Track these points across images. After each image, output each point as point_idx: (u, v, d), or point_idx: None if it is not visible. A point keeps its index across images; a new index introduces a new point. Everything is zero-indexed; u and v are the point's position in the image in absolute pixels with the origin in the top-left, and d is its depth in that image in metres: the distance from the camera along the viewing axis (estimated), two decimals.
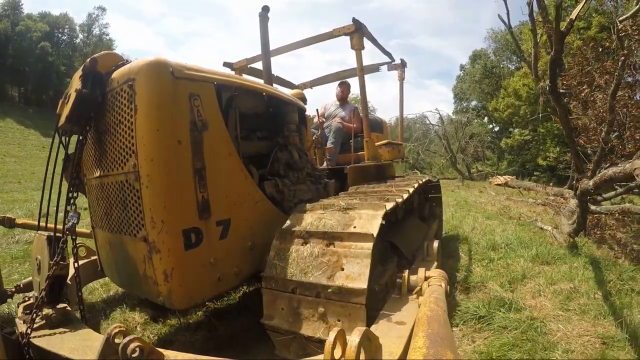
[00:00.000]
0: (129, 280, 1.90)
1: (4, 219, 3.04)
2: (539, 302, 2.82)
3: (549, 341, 2.29)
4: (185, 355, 1.29)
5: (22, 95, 43.27)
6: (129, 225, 1.74)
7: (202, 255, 1.74)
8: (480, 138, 25.27)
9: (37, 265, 1.88)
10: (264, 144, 2.53)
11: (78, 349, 1.44)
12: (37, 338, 1.57)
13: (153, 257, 1.62)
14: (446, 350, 0.98)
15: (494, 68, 28.74)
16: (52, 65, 41.11)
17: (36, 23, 42.00)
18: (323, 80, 5.37)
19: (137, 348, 1.12)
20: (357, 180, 3.28)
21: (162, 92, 1.63)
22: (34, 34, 40.54)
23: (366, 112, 3.61)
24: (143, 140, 1.59)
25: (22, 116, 35.52)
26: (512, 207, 7.14)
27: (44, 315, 1.65)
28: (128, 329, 1.21)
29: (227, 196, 1.90)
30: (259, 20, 3.01)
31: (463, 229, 5.15)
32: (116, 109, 1.72)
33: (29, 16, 43.43)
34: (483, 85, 30.08)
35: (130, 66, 1.69)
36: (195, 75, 1.80)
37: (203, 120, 1.77)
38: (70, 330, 1.63)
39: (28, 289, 2.51)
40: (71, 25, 47.05)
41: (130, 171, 1.66)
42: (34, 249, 1.94)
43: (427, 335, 1.06)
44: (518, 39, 6.89)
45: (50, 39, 42.53)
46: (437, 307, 1.31)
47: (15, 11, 42.08)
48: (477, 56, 33.11)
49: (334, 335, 1.03)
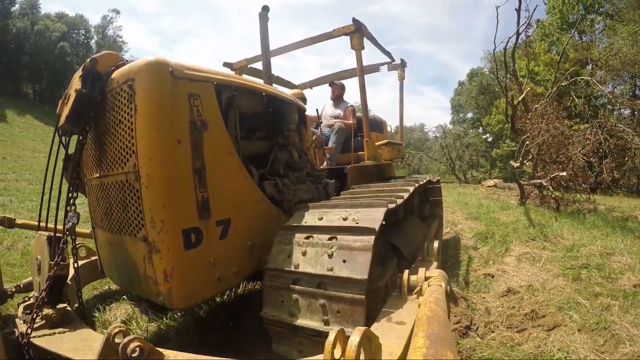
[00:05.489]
0: (129, 281, 1.90)
1: (4, 218, 3.02)
2: (501, 216, 6.90)
3: (498, 220, 6.49)
4: (185, 355, 1.29)
5: (37, 93, 43.79)
6: (129, 225, 1.74)
7: (202, 255, 1.74)
8: (475, 147, 28.68)
9: (37, 265, 1.88)
10: (263, 143, 2.52)
11: (78, 349, 1.44)
12: (37, 338, 1.57)
13: (153, 257, 1.62)
14: (446, 350, 0.98)
15: (488, 85, 31.13)
16: (70, 64, 41.73)
17: (54, 23, 42.77)
18: (323, 80, 5.38)
19: (137, 348, 1.12)
20: (357, 180, 3.28)
21: (161, 92, 1.63)
22: (52, 34, 41.26)
23: (366, 113, 3.61)
24: (143, 140, 1.59)
25: (40, 113, 35.94)
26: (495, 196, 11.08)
27: (44, 315, 1.65)
28: (128, 329, 1.21)
29: (227, 196, 1.90)
30: (259, 20, 3.00)
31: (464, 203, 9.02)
32: (116, 109, 1.72)
33: (47, 16, 44.30)
34: (479, 101, 33.22)
35: (130, 66, 1.69)
36: (195, 75, 1.80)
37: (203, 120, 1.77)
38: (70, 330, 1.63)
39: (28, 289, 2.51)
40: (87, 26, 47.82)
41: (130, 171, 1.66)
42: (34, 249, 1.94)
43: (427, 335, 1.06)
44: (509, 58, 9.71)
45: (67, 39, 43.36)
46: (437, 307, 1.31)
47: (34, 10, 42.67)
48: (474, 74, 36.50)
49: (334, 335, 1.03)
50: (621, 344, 2.31)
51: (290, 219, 2.04)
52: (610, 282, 3.32)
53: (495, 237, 5.04)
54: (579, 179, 7.92)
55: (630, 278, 3.33)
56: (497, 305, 3.05)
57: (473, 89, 34.23)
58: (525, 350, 2.32)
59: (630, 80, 20.42)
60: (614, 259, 3.92)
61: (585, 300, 2.91)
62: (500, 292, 3.29)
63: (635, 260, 3.77)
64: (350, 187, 3.05)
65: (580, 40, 22.43)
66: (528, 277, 3.61)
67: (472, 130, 33.79)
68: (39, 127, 31.68)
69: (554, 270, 3.74)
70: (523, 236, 5.04)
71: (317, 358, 1.24)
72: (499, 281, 3.58)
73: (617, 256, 3.99)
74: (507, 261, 4.15)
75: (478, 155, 29.54)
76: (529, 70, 15.20)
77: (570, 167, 7.77)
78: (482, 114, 32.97)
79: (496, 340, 2.46)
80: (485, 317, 2.84)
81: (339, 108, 4.57)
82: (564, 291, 3.17)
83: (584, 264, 3.76)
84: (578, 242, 4.62)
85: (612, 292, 3.05)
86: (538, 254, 4.26)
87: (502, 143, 27.98)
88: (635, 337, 2.36)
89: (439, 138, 25.65)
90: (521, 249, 4.49)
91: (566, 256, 4.08)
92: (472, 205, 8.45)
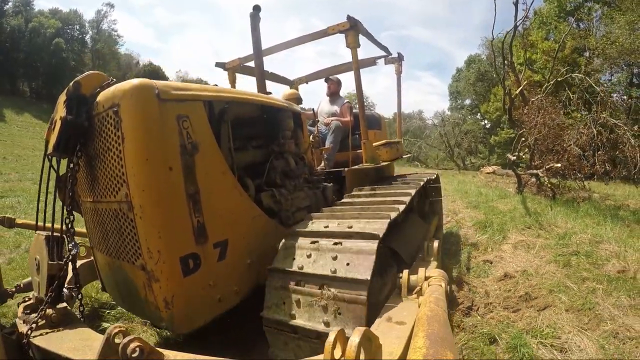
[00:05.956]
0: (131, 304, 1.89)
1: (4, 218, 3.01)
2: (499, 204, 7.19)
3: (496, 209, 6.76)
4: (185, 355, 1.28)
5: (34, 91, 43.67)
6: (126, 253, 1.71)
7: (202, 279, 1.73)
8: (473, 134, 29.15)
9: (36, 265, 1.87)
10: (259, 152, 2.48)
11: (78, 349, 1.43)
12: (37, 338, 1.56)
13: (153, 285, 1.61)
14: (446, 350, 0.99)
15: (486, 72, 30.87)
16: (66, 60, 41.67)
17: (48, 19, 42.27)
18: (319, 75, 5.25)
19: (137, 348, 1.11)
20: (356, 183, 3.23)
21: (148, 118, 1.56)
22: (47, 30, 40.84)
23: (363, 114, 3.51)
24: (133, 170, 1.54)
25: (38, 111, 35.74)
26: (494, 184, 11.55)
27: (44, 315, 1.64)
28: (128, 329, 1.21)
29: (223, 216, 1.87)
30: (250, 20, 2.87)
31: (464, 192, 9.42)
32: (104, 135, 1.66)
33: (41, 12, 43.77)
34: (477, 87, 33.13)
35: (115, 90, 1.61)
36: (183, 95, 1.73)
37: (193, 143, 1.71)
38: (70, 330, 1.63)
39: (28, 289, 2.50)
40: (81, 21, 47.37)
41: (122, 200, 1.61)
42: (32, 249, 1.93)
43: (427, 335, 1.06)
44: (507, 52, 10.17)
45: (62, 35, 42.90)
46: (437, 307, 1.31)
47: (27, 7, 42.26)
48: (471, 61, 36.31)
49: (334, 335, 1.03)
50: (603, 323, 2.60)
51: (295, 227, 2.06)
52: (597, 268, 3.57)
53: (494, 225, 5.35)
54: (575, 167, 8.15)
55: (615, 264, 3.59)
56: (495, 288, 3.36)
57: (471, 76, 34.29)
58: (519, 327, 2.65)
59: (627, 68, 20.30)
60: (602, 246, 4.16)
61: (574, 284, 3.21)
62: (498, 277, 3.58)
63: (621, 248, 3.99)
64: (349, 191, 3.03)
65: (577, 28, 22.34)
66: (523, 263, 3.88)
67: (471, 116, 33.91)
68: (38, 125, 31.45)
69: (546, 256, 4.00)
70: (519, 224, 5.35)
71: (317, 358, 1.25)
72: (496, 267, 3.86)
73: (605, 244, 4.22)
74: (504, 248, 4.41)
75: (477, 141, 29.96)
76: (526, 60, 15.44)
77: (566, 158, 8.11)
78: (480, 100, 32.96)
79: (494, 318, 2.80)
80: (485, 299, 3.17)
81: (335, 104, 4.48)
82: (555, 276, 3.45)
83: (574, 251, 4.01)
84: (570, 231, 4.85)
85: (598, 277, 3.31)
86: (533, 241, 4.52)
87: (500, 130, 28.00)
88: (616, 316, 2.65)
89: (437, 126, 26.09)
90: (517, 237, 4.76)
91: (558, 244, 4.32)
92: (472, 193, 8.84)
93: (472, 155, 28.95)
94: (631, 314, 2.67)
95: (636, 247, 4.00)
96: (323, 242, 1.81)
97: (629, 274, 3.33)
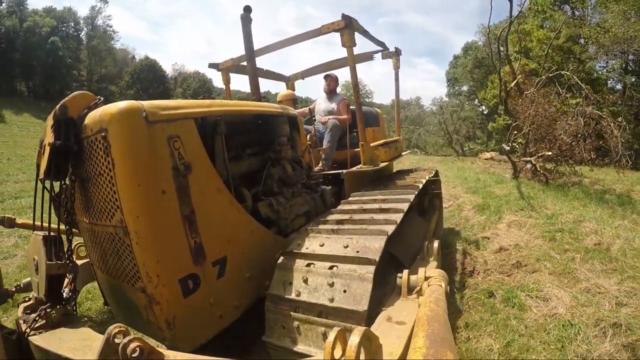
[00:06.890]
0: (134, 322, 1.88)
1: (4, 218, 3.00)
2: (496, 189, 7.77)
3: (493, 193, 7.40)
4: (185, 355, 1.28)
5: (32, 90, 43.52)
6: (125, 275, 1.71)
7: (202, 299, 1.73)
8: (471, 120, 29.76)
9: (34, 265, 1.87)
10: (255, 160, 2.44)
11: (78, 349, 1.43)
12: (37, 338, 1.56)
13: (154, 307, 1.61)
14: (446, 350, 0.99)
15: (483, 59, 30.51)
16: (62, 58, 41.43)
17: (43, 18, 41.80)
18: (315, 71, 5.16)
19: (137, 348, 1.10)
20: (355, 186, 3.19)
21: (137, 143, 1.53)
22: (42, 29, 40.52)
23: (360, 115, 3.42)
24: (125, 196, 1.52)
25: (37, 110, 35.50)
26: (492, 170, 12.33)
27: (44, 315, 1.64)
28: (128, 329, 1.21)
29: (220, 234, 1.85)
30: (241, 22, 2.73)
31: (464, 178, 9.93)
32: (94, 159, 1.63)
33: (35, 12, 43.29)
34: (474, 74, 33.09)
35: (102, 114, 1.57)
36: (172, 114, 1.69)
37: (186, 163, 1.68)
38: (70, 330, 1.63)
39: (28, 289, 2.51)
40: (76, 18, 46.88)
41: (118, 225, 1.60)
42: (30, 249, 1.92)
43: (427, 335, 1.06)
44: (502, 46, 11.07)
45: (57, 33, 42.58)
46: (437, 307, 1.31)
47: (21, 7, 41.87)
48: (468, 47, 36.20)
49: (334, 335, 1.03)
50: (578, 283, 3.27)
51: (291, 244, 2.03)
52: (577, 241, 4.25)
53: (491, 208, 6.09)
54: (566, 154, 8.91)
55: (593, 239, 4.27)
56: (492, 258, 4.09)
57: (468, 63, 34.10)
58: (511, 284, 3.39)
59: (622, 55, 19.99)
60: (583, 225, 4.83)
61: (557, 255, 3.92)
62: (494, 250, 4.31)
63: (600, 226, 4.69)
64: (347, 195, 2.97)
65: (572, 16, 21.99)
66: (515, 238, 4.57)
67: (468, 103, 34.00)
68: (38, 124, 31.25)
69: (535, 233, 4.69)
70: (514, 207, 6.05)
71: (317, 358, 1.25)
72: (493, 242, 4.59)
73: (586, 223, 4.88)
74: (499, 227, 5.13)
75: (475, 127, 30.54)
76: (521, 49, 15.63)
77: (557, 147, 8.85)
78: (477, 87, 32.87)
79: (492, 280, 3.57)
80: (484, 266, 3.92)
81: (333, 102, 4.38)
82: (542, 248, 4.16)
83: (559, 228, 4.71)
84: (557, 212, 5.56)
85: (577, 248, 3.99)
86: (524, 221, 5.21)
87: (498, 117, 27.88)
88: (590, 278, 3.31)
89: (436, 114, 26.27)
90: (511, 217, 5.48)
91: (546, 223, 5.01)
92: (471, 180, 9.53)
93: (470, 141, 29.26)
94: (602, 276, 3.32)
95: (613, 225, 4.71)
96: (319, 264, 1.81)
97: (603, 246, 4.03)
